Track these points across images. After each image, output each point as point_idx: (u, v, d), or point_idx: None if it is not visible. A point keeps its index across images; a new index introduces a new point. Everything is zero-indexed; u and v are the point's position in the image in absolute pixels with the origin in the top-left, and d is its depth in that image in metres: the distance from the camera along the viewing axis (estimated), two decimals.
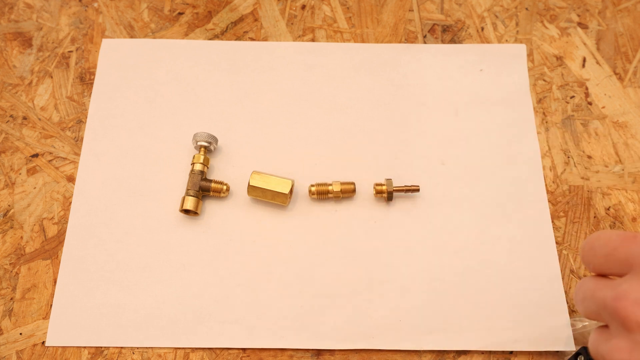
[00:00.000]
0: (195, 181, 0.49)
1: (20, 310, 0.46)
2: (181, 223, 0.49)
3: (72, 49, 0.57)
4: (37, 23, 0.58)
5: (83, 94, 0.55)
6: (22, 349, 0.45)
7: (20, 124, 0.53)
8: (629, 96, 0.54)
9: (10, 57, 0.56)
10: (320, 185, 0.49)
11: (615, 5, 0.59)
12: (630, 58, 0.56)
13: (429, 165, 0.51)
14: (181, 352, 0.45)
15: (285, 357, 0.45)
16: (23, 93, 0.55)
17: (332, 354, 0.45)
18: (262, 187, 0.48)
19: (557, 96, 0.54)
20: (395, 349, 0.45)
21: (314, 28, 0.58)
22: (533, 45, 0.57)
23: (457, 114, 0.54)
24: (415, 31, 0.58)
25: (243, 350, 0.45)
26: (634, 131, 0.53)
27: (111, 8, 0.59)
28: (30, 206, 0.50)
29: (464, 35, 0.57)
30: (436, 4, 0.59)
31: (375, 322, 0.46)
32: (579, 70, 0.56)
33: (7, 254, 0.48)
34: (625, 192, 0.51)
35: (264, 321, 0.46)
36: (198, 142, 0.50)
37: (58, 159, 0.52)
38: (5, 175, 0.51)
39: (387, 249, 0.48)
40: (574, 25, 0.58)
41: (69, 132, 0.53)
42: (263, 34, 0.58)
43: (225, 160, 0.52)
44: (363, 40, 0.57)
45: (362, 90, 0.55)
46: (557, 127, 0.53)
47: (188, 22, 0.58)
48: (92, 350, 0.45)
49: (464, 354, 0.45)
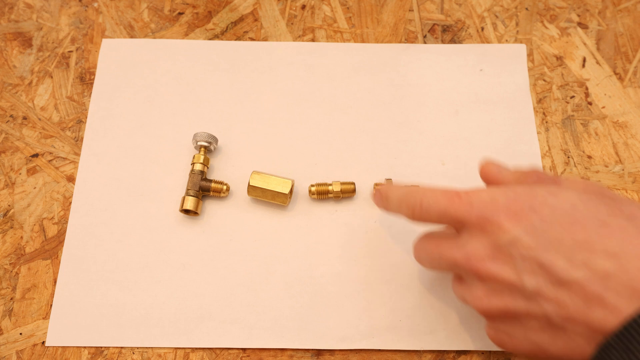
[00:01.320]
0: (195, 181, 0.49)
1: (20, 310, 0.46)
2: (181, 223, 0.49)
3: (72, 49, 0.57)
4: (37, 23, 0.58)
5: (83, 94, 0.55)
6: (22, 349, 0.45)
7: (20, 124, 0.53)
8: (629, 96, 0.54)
9: (10, 57, 0.56)
10: (320, 185, 0.49)
11: (615, 5, 0.59)
12: (630, 58, 0.56)
13: (429, 165, 0.51)
14: (181, 352, 0.45)
15: (285, 357, 0.45)
16: (23, 93, 0.55)
17: (332, 354, 0.45)
18: (262, 187, 0.48)
19: (557, 96, 0.54)
20: (395, 349, 0.45)
21: (314, 28, 0.58)
22: (533, 45, 0.57)
23: (457, 114, 0.54)
24: (415, 31, 0.58)
25: (243, 350, 0.45)
26: (634, 131, 0.53)
27: (111, 8, 0.59)
28: (30, 206, 0.50)
29: (464, 35, 0.57)
30: (436, 4, 0.59)
31: (375, 322, 0.46)
32: (579, 70, 0.56)
33: (7, 254, 0.48)
34: (625, 192, 0.51)
35: (264, 321, 0.46)
36: (198, 142, 0.51)
37: (58, 159, 0.52)
38: (5, 175, 0.51)
39: (387, 249, 0.48)
40: (574, 25, 0.58)
41: (69, 132, 0.53)
42: (263, 34, 0.58)
43: (225, 160, 0.52)
44: (363, 40, 0.57)
45: (362, 90, 0.55)
46: (557, 127, 0.53)
47: (188, 22, 0.58)
48: (92, 350, 0.45)
49: (464, 354, 0.45)
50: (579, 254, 0.33)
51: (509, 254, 0.35)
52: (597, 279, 0.33)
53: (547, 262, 0.34)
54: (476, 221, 0.36)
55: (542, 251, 0.34)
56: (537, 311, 0.35)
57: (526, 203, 0.36)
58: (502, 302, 0.36)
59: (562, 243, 0.34)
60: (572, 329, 0.34)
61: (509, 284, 0.35)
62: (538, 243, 0.34)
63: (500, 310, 0.36)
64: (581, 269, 0.33)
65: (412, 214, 0.40)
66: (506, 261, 0.35)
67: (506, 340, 0.38)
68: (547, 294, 0.34)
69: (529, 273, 0.35)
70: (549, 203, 0.35)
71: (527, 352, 0.37)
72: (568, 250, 0.34)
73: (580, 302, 0.33)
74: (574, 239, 0.34)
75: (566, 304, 0.34)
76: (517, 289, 0.35)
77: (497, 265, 0.36)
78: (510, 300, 0.36)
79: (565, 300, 0.34)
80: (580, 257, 0.33)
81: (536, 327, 0.35)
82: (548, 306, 0.34)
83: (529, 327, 0.36)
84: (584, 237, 0.34)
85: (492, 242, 0.36)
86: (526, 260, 0.35)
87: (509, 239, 0.35)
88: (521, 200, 0.36)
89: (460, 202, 0.37)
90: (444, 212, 0.38)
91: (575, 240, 0.34)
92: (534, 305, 0.35)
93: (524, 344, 0.37)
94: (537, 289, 0.34)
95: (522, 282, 0.35)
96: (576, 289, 0.33)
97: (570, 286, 0.33)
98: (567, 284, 0.33)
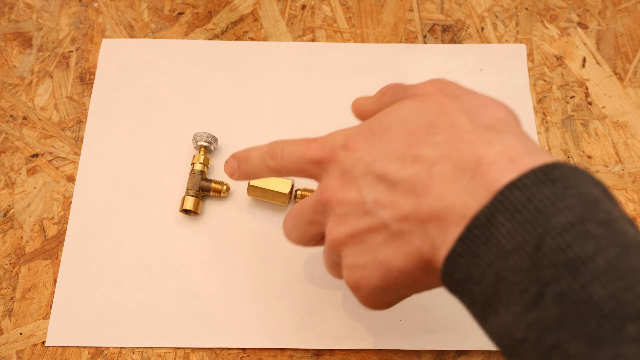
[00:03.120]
0: (195, 181, 0.49)
1: (20, 310, 0.46)
2: (181, 223, 0.49)
3: (72, 49, 0.57)
4: (37, 23, 0.58)
5: (83, 94, 0.55)
6: (22, 349, 0.45)
7: (20, 124, 0.53)
8: (629, 96, 0.54)
9: (10, 57, 0.56)
10: (306, 191, 0.49)
11: (615, 5, 0.59)
12: (630, 58, 0.56)
13: None
14: (181, 352, 0.45)
15: (285, 357, 0.45)
16: (23, 93, 0.55)
17: (332, 354, 0.45)
18: (263, 187, 0.48)
19: (557, 96, 0.54)
20: (395, 349, 0.45)
21: (314, 28, 0.58)
22: (533, 45, 0.57)
23: None
24: (415, 31, 0.58)
25: (243, 350, 0.45)
26: (634, 131, 0.53)
27: (111, 8, 0.59)
28: (30, 206, 0.50)
29: (464, 35, 0.57)
30: (436, 4, 0.59)
31: (375, 322, 0.46)
32: (579, 70, 0.56)
33: (7, 254, 0.48)
34: (625, 192, 0.51)
35: (264, 321, 0.46)
36: (198, 142, 0.51)
37: (58, 159, 0.52)
38: (5, 175, 0.51)
39: None
40: (574, 25, 0.58)
41: (69, 132, 0.53)
42: (263, 34, 0.58)
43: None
44: (363, 40, 0.57)
45: (362, 90, 0.55)
46: (557, 127, 0.53)
47: (188, 22, 0.58)
48: (92, 350, 0.45)
49: (464, 354, 0.45)
50: (408, 154, 0.34)
51: (353, 176, 0.36)
52: (423, 171, 0.33)
53: (382, 170, 0.34)
54: (329, 156, 0.37)
55: (377, 163, 0.35)
56: (377, 222, 0.35)
57: (366, 129, 0.37)
58: (348, 226, 0.36)
59: (396, 151, 0.35)
60: (408, 229, 0.33)
61: (354, 203, 0.36)
62: (375, 157, 0.35)
63: (347, 235, 0.36)
64: (410, 166, 0.34)
65: (274, 164, 0.41)
66: (352, 184, 0.36)
67: (359, 274, 0.36)
68: (384, 201, 0.34)
69: (369, 186, 0.35)
70: (383, 123, 0.36)
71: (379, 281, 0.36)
72: (400, 155, 0.34)
73: (411, 198, 0.33)
74: (405, 144, 0.35)
75: (399, 204, 0.34)
76: (359, 206, 0.35)
77: (343, 189, 0.36)
78: (354, 221, 0.36)
79: (398, 201, 0.34)
80: (409, 156, 0.34)
81: (380, 243, 0.35)
82: (385, 213, 0.34)
83: (374, 246, 0.35)
84: (414, 140, 0.34)
85: (340, 170, 0.37)
86: (366, 176, 0.35)
87: (352, 162, 0.36)
88: (363, 127, 0.37)
89: (316, 143, 0.39)
90: (302, 156, 0.39)
91: (406, 144, 0.34)
92: (374, 218, 0.35)
93: (375, 271, 0.36)
94: (375, 199, 0.35)
95: (363, 196, 0.35)
96: (406, 186, 0.33)
97: (401, 185, 0.34)
98: (398, 183, 0.34)
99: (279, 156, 0.40)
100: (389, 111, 0.37)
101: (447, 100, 0.36)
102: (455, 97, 0.37)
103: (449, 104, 0.36)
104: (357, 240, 0.36)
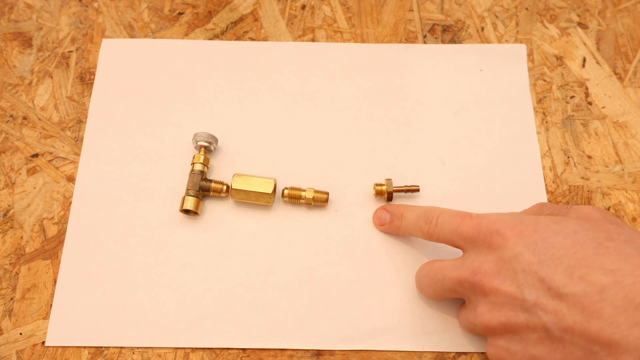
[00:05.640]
0: (195, 181, 0.49)
1: (20, 310, 0.46)
2: (181, 223, 0.49)
3: (72, 49, 0.57)
4: (37, 23, 0.58)
5: (83, 94, 0.55)
6: (22, 349, 0.45)
7: (20, 124, 0.53)
8: (629, 96, 0.54)
9: (10, 57, 0.56)
10: (294, 190, 0.49)
11: (615, 5, 0.59)
12: (630, 58, 0.56)
13: (429, 165, 0.51)
14: (181, 352, 0.45)
15: (285, 357, 0.45)
16: (23, 93, 0.55)
17: (332, 354, 0.45)
18: (246, 190, 0.48)
19: (557, 96, 0.54)
20: (395, 350, 0.45)
21: (314, 28, 0.58)
22: (533, 45, 0.57)
23: (457, 114, 0.54)
24: (415, 31, 0.58)
25: (243, 350, 0.45)
26: (634, 131, 0.53)
27: (111, 8, 0.59)
28: (30, 206, 0.50)
29: (464, 35, 0.57)
30: (436, 4, 0.59)
31: (375, 322, 0.46)
32: (579, 70, 0.56)
33: (7, 254, 0.48)
34: (625, 192, 0.51)
35: (264, 321, 0.46)
36: (198, 142, 0.51)
37: (58, 159, 0.52)
38: (5, 175, 0.51)
39: (388, 250, 0.48)
40: (574, 25, 0.58)
41: (69, 132, 0.53)
42: (263, 34, 0.58)
43: (225, 160, 0.52)
44: (363, 40, 0.57)
45: (362, 90, 0.55)
46: (557, 127, 0.53)
47: (188, 22, 0.58)
48: (92, 350, 0.45)
49: (464, 355, 0.45)
50: (577, 270, 0.36)
51: (512, 268, 0.38)
52: (594, 293, 0.35)
53: (547, 276, 0.36)
54: (483, 237, 0.39)
55: (542, 266, 0.37)
56: (537, 323, 0.37)
57: (530, 225, 0.38)
58: (503, 316, 0.38)
59: (562, 260, 0.36)
60: (570, 340, 0.35)
61: (511, 297, 0.38)
62: (539, 259, 0.37)
63: (502, 324, 0.38)
64: (579, 283, 0.35)
65: (427, 229, 0.43)
66: (509, 275, 0.38)
67: (506, 357, 0.39)
68: (546, 306, 0.36)
69: (530, 286, 0.37)
70: (551, 227, 0.38)
71: None
72: (567, 267, 0.36)
73: (578, 314, 0.35)
74: (572, 257, 0.36)
75: (564, 316, 0.35)
76: (518, 301, 0.37)
77: (500, 279, 0.38)
78: (511, 313, 0.38)
79: (563, 312, 0.35)
80: (578, 273, 0.35)
81: (535, 340, 0.37)
82: (547, 318, 0.36)
83: (528, 341, 0.38)
84: (582, 256, 0.36)
85: (496, 257, 0.39)
86: (527, 274, 0.37)
87: (512, 254, 0.38)
88: (526, 222, 0.39)
89: (471, 220, 0.40)
90: (455, 229, 0.41)
91: (574, 258, 0.36)
92: (533, 317, 0.37)
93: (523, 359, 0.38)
94: (537, 301, 0.36)
95: (523, 294, 0.37)
96: (574, 301, 0.35)
97: (568, 299, 0.35)
98: (565, 296, 0.35)
99: (434, 223, 0.43)
100: (557, 219, 0.39)
101: (613, 228, 0.38)
102: (618, 226, 0.39)
103: (616, 232, 0.37)
104: (510, 330, 0.38)
